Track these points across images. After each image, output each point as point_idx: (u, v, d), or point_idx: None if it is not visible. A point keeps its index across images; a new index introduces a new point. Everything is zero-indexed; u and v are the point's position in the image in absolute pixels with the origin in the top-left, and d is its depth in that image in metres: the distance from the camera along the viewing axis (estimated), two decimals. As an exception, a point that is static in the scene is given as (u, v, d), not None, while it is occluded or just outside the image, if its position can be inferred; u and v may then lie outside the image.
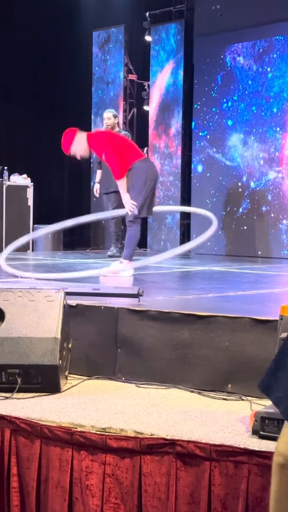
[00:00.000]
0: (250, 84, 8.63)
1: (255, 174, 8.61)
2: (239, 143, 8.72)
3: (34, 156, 10.71)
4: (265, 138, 8.50)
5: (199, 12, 9.26)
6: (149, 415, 2.65)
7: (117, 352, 3.30)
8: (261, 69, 8.53)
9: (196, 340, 3.12)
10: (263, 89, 8.52)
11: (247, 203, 8.70)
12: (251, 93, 8.61)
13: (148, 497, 2.36)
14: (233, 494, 2.24)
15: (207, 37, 9.01)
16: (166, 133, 9.66)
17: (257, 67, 8.57)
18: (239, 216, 8.72)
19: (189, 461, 2.33)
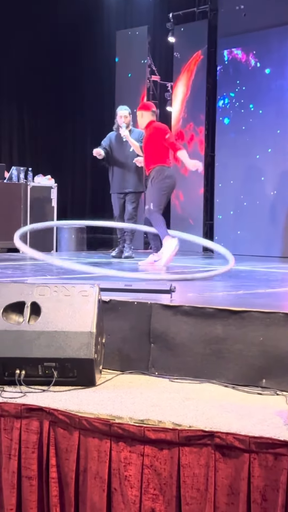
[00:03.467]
0: (272, 85, 8.62)
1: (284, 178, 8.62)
2: (265, 146, 8.71)
3: (58, 157, 10.79)
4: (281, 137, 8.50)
5: (223, 12, 9.27)
6: (185, 408, 2.67)
7: (150, 347, 3.33)
8: (286, 68, 8.53)
9: (230, 335, 3.13)
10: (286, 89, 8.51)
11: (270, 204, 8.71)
12: (274, 94, 8.60)
13: (187, 488, 2.38)
14: (272, 486, 2.25)
15: (231, 38, 9.02)
16: (189, 134, 9.68)
17: (281, 68, 8.56)
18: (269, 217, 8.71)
19: (228, 453, 2.34)
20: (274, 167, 8.61)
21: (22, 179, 8.99)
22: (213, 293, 4.27)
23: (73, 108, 10.98)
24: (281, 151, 8.60)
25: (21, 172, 9.02)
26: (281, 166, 8.61)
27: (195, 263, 6.96)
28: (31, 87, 10.46)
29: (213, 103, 9.37)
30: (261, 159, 8.55)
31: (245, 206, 8.92)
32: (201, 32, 9.61)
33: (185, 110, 9.75)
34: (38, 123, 10.74)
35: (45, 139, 10.72)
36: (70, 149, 11.41)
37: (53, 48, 10.43)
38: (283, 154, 8.59)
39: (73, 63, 10.78)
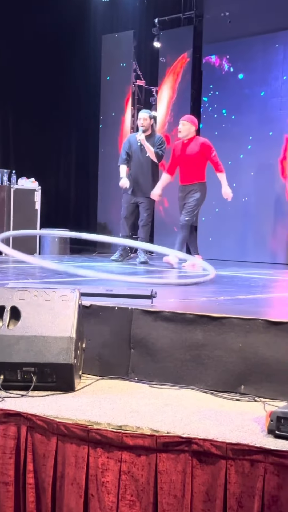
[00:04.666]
0: (258, 91, 8.68)
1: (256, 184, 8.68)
2: (244, 151, 8.77)
3: (42, 160, 10.77)
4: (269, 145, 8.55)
5: (208, 19, 9.32)
6: (164, 414, 2.67)
7: (130, 352, 3.33)
8: (269, 75, 8.59)
9: (210, 341, 3.14)
10: (271, 95, 8.57)
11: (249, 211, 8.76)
12: (259, 100, 8.66)
13: (164, 495, 2.38)
14: (249, 493, 2.26)
15: (216, 44, 9.08)
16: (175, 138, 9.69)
17: (265, 74, 8.62)
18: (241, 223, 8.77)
19: (205, 459, 2.35)
20: (246, 173, 8.66)
21: (5, 182, 8.96)
22: (194, 298, 4.28)
23: (58, 111, 10.97)
24: (253, 158, 8.65)
25: (4, 174, 8.99)
26: (253, 172, 8.66)
27: (178, 267, 6.97)
28: (16, 89, 10.44)
29: (198, 109, 9.40)
30: (233, 165, 8.58)
31: (216, 212, 8.99)
32: (186, 38, 9.65)
33: (171, 113, 9.78)
34: (23, 125, 10.72)
35: (29, 142, 10.70)
36: (54, 152, 11.39)
37: (38, 51, 10.41)
38: (255, 160, 8.64)
39: (59, 66, 10.77)
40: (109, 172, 10.33)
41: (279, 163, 8.50)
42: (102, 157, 10.51)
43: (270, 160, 8.57)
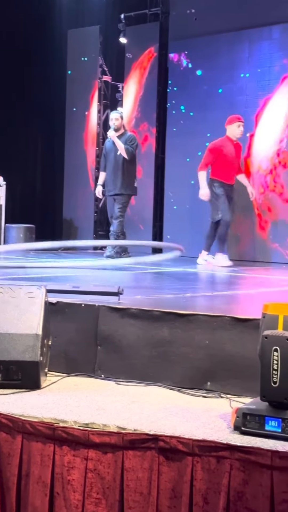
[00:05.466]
0: (222, 89, 8.72)
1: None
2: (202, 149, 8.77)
3: (6, 155, 10.65)
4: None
5: (174, 15, 9.32)
6: (130, 411, 2.67)
7: (97, 349, 3.32)
8: (234, 73, 8.63)
9: (176, 338, 3.15)
10: (237, 93, 8.62)
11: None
12: (224, 97, 8.70)
13: (130, 492, 2.38)
14: (214, 489, 2.27)
15: (182, 41, 9.09)
16: (143, 134, 9.69)
17: (230, 72, 8.67)
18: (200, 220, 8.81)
19: (172, 456, 2.35)
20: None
21: None
22: (161, 295, 4.28)
23: (24, 106, 10.86)
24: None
25: None
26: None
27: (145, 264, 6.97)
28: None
29: (164, 105, 9.41)
30: (192, 163, 8.59)
31: (175, 210, 9.03)
32: (152, 34, 9.64)
33: (138, 109, 9.76)
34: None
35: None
36: (20, 147, 11.28)
37: (3, 44, 10.29)
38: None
39: (24, 60, 10.67)
40: (75, 168, 10.28)
41: (243, 160, 8.55)
42: (68, 152, 10.45)
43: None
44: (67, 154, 10.44)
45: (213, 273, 6.25)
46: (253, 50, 8.50)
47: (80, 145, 10.23)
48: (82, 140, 10.22)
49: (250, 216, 8.44)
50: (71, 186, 10.35)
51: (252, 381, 2.74)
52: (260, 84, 8.38)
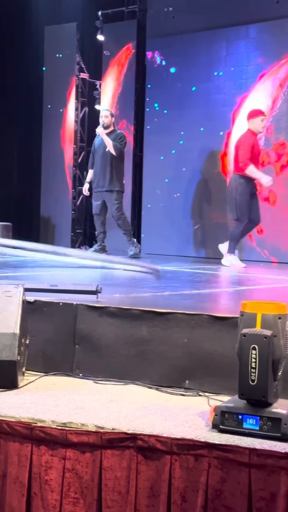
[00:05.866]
0: (202, 87, 8.74)
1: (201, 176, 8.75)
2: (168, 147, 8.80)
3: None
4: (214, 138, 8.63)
5: (152, 13, 9.32)
6: (109, 410, 2.66)
7: (75, 348, 3.30)
8: (212, 72, 8.66)
9: (155, 337, 3.14)
10: (214, 91, 8.64)
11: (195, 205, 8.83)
12: (201, 95, 8.72)
13: (108, 491, 2.37)
14: (193, 487, 2.28)
15: (159, 39, 9.09)
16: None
17: (208, 70, 8.69)
18: (187, 217, 8.84)
19: (150, 455, 2.35)
20: (176, 169, 8.70)
21: None
22: (139, 294, 4.28)
23: (1, 102, 10.77)
24: (184, 153, 8.70)
25: None
26: (184, 168, 8.72)
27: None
28: None
29: (142, 103, 9.40)
30: (165, 161, 8.61)
31: (149, 208, 9.04)
32: (130, 31, 9.63)
33: (116, 106, 9.73)
34: None
35: None
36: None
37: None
38: (186, 155, 8.69)
39: (0, 57, 10.58)
40: (52, 166, 10.23)
41: (219, 159, 8.59)
42: (45, 150, 10.39)
43: (209, 155, 8.64)
44: (44, 151, 10.39)
45: (191, 272, 6.26)
46: (230, 49, 8.53)
47: (58, 142, 10.19)
48: (59, 138, 10.18)
49: (226, 215, 8.47)
50: (48, 184, 10.30)
51: (230, 379, 2.75)
52: (238, 83, 8.42)
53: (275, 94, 8.07)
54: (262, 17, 8.12)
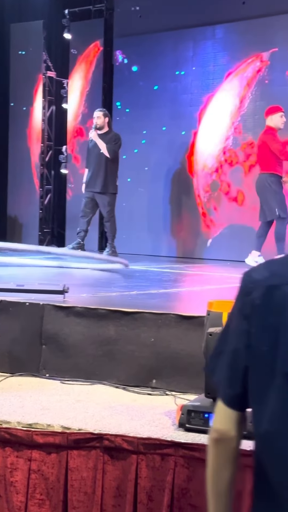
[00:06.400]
0: (169, 86, 8.75)
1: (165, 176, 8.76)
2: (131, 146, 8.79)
3: None
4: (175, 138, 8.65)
5: (119, 12, 9.30)
6: (75, 410, 2.65)
7: (42, 348, 3.28)
8: (179, 71, 8.68)
9: (122, 336, 3.14)
10: (181, 91, 8.66)
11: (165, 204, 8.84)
12: (168, 95, 8.73)
13: (74, 492, 2.36)
14: (159, 486, 2.28)
15: (126, 38, 9.07)
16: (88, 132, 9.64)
17: (174, 70, 8.71)
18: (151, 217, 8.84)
19: (116, 455, 2.35)
20: (139, 168, 8.69)
21: None
22: (107, 293, 4.27)
23: None
24: (146, 153, 8.69)
25: None
26: (146, 167, 8.72)
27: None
28: None
29: (110, 102, 9.37)
30: (128, 160, 8.59)
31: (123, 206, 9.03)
32: (97, 30, 9.59)
33: (85, 104, 9.68)
34: None
35: None
36: None
37: None
38: (149, 155, 8.69)
39: None
40: (19, 165, 10.14)
41: (186, 158, 8.61)
42: (12, 148, 10.29)
43: (173, 155, 8.66)
44: (10, 150, 10.29)
45: (159, 271, 6.27)
46: (197, 49, 8.56)
47: (24, 141, 10.10)
48: (25, 136, 10.09)
49: (194, 214, 8.51)
50: (15, 183, 10.20)
51: (197, 378, 2.76)
52: (204, 83, 8.45)
53: (243, 93, 8.12)
54: (228, 17, 8.16)
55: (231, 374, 1.20)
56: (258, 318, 1.16)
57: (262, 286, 1.17)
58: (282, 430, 1.13)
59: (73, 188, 9.60)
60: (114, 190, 7.61)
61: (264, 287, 1.16)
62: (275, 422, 1.13)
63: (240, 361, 1.18)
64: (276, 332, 1.13)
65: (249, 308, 1.18)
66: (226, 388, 1.22)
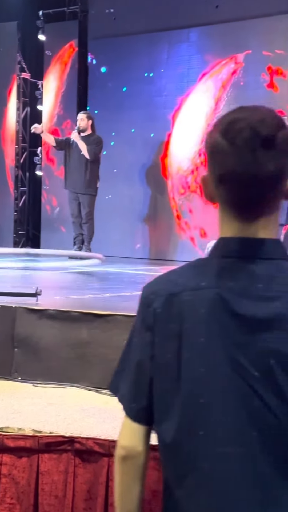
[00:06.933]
0: (143, 88, 8.76)
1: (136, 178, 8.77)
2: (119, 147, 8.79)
3: None
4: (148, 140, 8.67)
5: (93, 14, 9.29)
6: (47, 413, 2.64)
7: (14, 351, 3.26)
8: (153, 74, 8.70)
9: (95, 339, 3.14)
10: (155, 93, 8.68)
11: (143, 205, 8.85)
12: (143, 97, 8.74)
13: (44, 496, 2.35)
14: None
15: (101, 40, 9.07)
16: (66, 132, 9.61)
17: (149, 72, 8.73)
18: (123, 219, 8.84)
19: (88, 458, 2.35)
20: (107, 170, 8.67)
21: None
22: (80, 296, 4.27)
23: None
24: (116, 155, 8.68)
25: None
26: (115, 169, 8.72)
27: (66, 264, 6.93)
28: None
29: (85, 104, 9.36)
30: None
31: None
32: (72, 32, 9.57)
33: (60, 106, 9.64)
34: None
35: None
36: None
37: None
38: (118, 158, 8.69)
39: None
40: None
41: (160, 161, 8.63)
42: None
43: (144, 157, 8.66)
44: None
45: (133, 273, 6.27)
46: (171, 51, 8.59)
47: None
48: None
49: (168, 217, 8.52)
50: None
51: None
52: (179, 85, 8.48)
53: (218, 95, 8.17)
54: (202, 21, 8.20)
55: (136, 387, 1.20)
56: (161, 327, 1.16)
57: (162, 295, 1.18)
58: (188, 437, 1.13)
59: (48, 190, 9.57)
60: (94, 192, 7.67)
61: (164, 296, 1.17)
62: (182, 429, 1.13)
63: (144, 373, 1.18)
64: (178, 339, 1.14)
65: (151, 319, 1.18)
66: (131, 403, 1.21)
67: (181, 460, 1.14)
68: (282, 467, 1.08)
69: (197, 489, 1.12)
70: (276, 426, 1.08)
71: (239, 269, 1.13)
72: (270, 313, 1.09)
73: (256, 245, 1.14)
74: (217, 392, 1.11)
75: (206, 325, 1.12)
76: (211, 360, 1.11)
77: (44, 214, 9.63)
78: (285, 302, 1.10)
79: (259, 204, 1.14)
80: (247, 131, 1.10)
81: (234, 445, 1.10)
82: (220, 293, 1.12)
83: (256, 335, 1.09)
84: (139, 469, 1.24)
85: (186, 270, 1.21)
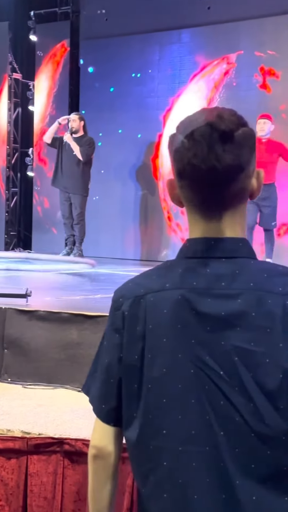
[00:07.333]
0: (134, 89, 8.77)
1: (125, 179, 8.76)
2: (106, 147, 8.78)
3: None
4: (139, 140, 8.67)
5: (85, 15, 9.29)
6: (36, 415, 2.64)
7: (3, 353, 3.26)
8: (145, 75, 8.70)
9: (85, 340, 3.14)
10: (147, 94, 8.69)
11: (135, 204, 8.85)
12: (134, 98, 8.74)
13: (34, 497, 2.35)
14: (119, 490, 2.28)
15: (93, 41, 9.07)
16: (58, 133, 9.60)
17: (139, 73, 8.73)
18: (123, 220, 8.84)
19: (77, 459, 2.34)
20: (95, 171, 8.65)
21: None
22: (71, 297, 4.26)
23: None
24: (104, 156, 8.67)
25: None
26: (103, 170, 8.71)
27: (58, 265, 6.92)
28: None
29: (76, 106, 9.35)
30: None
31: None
32: (63, 32, 9.56)
33: (52, 106, 9.62)
34: None
35: None
36: None
37: None
38: (106, 158, 8.68)
39: None
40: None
41: (151, 161, 8.63)
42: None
43: (133, 158, 8.66)
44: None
45: (125, 274, 6.27)
46: (163, 52, 8.60)
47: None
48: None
49: (160, 218, 8.52)
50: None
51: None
52: (171, 86, 8.49)
53: (210, 95, 8.17)
54: (194, 22, 8.21)
55: (105, 389, 1.22)
56: (128, 329, 1.18)
57: (129, 298, 1.20)
58: (152, 436, 1.14)
59: (40, 191, 9.55)
60: (85, 193, 7.68)
61: (131, 299, 1.20)
62: (146, 429, 1.14)
63: (113, 374, 1.20)
64: (143, 340, 1.16)
65: (120, 321, 1.20)
66: (102, 404, 1.23)
67: (144, 459, 1.16)
68: (246, 466, 1.09)
69: (158, 488, 1.13)
70: (242, 426, 1.08)
71: (203, 269, 1.15)
72: (232, 311, 1.11)
73: (220, 244, 1.16)
74: (179, 392, 1.12)
75: (169, 326, 1.14)
76: (174, 360, 1.13)
77: (35, 215, 9.61)
78: (246, 299, 1.11)
79: (220, 201, 1.15)
80: (205, 127, 1.12)
81: (197, 444, 1.11)
82: (183, 294, 1.14)
83: (219, 333, 1.11)
84: (110, 468, 1.26)
85: (154, 272, 1.23)
